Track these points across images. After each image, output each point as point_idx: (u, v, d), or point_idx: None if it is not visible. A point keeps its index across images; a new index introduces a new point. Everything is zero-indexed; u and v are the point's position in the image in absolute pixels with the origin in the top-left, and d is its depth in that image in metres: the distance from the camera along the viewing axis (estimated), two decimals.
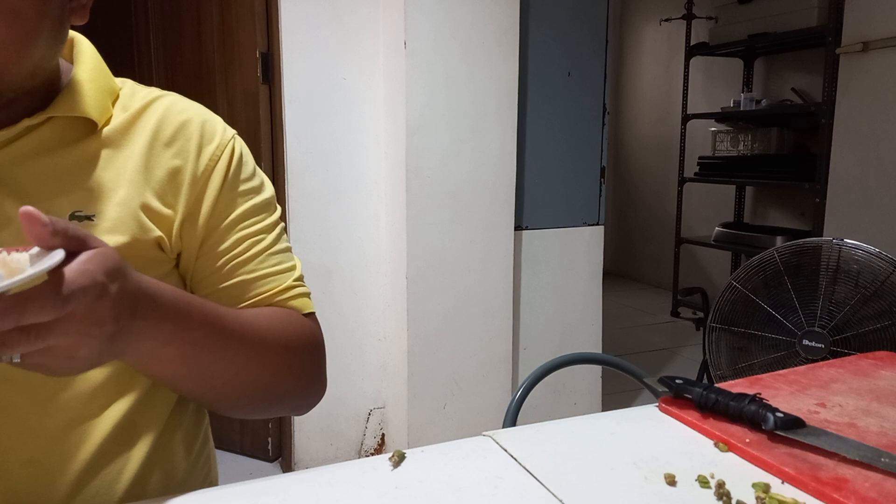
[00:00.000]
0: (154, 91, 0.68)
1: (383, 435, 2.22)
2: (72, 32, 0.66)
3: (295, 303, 0.69)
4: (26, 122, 0.58)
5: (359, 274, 2.11)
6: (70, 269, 0.43)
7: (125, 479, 0.62)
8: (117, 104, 0.65)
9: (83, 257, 0.44)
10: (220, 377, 0.61)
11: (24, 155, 0.58)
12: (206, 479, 0.74)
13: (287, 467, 2.18)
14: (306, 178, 2.00)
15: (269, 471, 2.18)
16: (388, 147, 2.03)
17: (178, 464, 0.68)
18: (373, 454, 2.19)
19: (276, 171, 2.05)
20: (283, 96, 1.94)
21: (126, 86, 0.68)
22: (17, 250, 0.43)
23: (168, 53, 2.20)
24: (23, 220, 0.42)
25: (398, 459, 0.60)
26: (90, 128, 0.62)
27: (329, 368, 0.74)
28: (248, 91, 2.05)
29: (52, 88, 0.61)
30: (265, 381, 0.65)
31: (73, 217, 0.58)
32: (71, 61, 0.66)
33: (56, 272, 0.42)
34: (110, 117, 0.63)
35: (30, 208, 0.42)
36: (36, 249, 0.43)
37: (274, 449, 2.24)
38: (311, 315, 0.72)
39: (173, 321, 0.54)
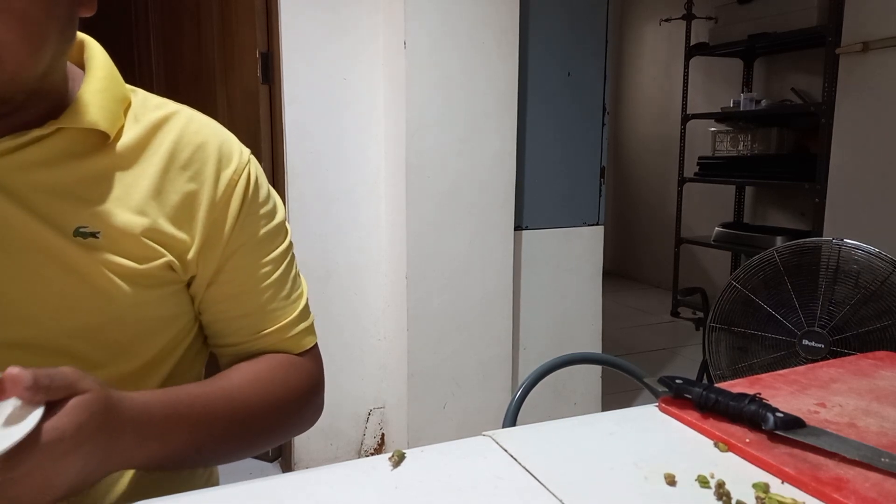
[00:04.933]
0: (168, 104, 0.66)
1: (383, 435, 2.22)
2: (81, 35, 0.64)
3: (302, 342, 0.71)
4: (36, 133, 0.56)
5: (359, 274, 2.11)
6: (42, 432, 0.43)
7: (123, 483, 0.62)
8: (129, 113, 0.63)
9: (61, 412, 0.45)
10: (215, 456, 0.64)
11: (32, 164, 0.57)
12: (208, 483, 0.74)
13: (287, 467, 2.18)
14: (306, 178, 2.00)
15: (269, 471, 2.18)
16: (388, 147, 2.03)
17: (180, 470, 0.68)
18: (373, 454, 2.19)
19: (276, 171, 2.05)
20: (283, 96, 1.94)
21: (137, 94, 0.66)
22: None
23: (168, 53, 2.20)
24: (6, 381, 0.43)
25: (398, 459, 0.60)
26: (101, 139, 0.60)
27: (329, 368, 0.75)
28: (248, 91, 2.05)
29: (62, 93, 0.60)
30: (258, 443, 0.67)
31: (77, 233, 0.57)
32: (81, 66, 0.63)
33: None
34: (122, 127, 0.62)
35: (15, 371, 0.43)
36: (16, 401, 0.44)
37: (274, 449, 2.24)
38: (313, 349, 0.73)
39: (159, 438, 0.55)
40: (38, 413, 0.43)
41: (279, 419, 0.67)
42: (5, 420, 0.43)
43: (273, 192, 0.72)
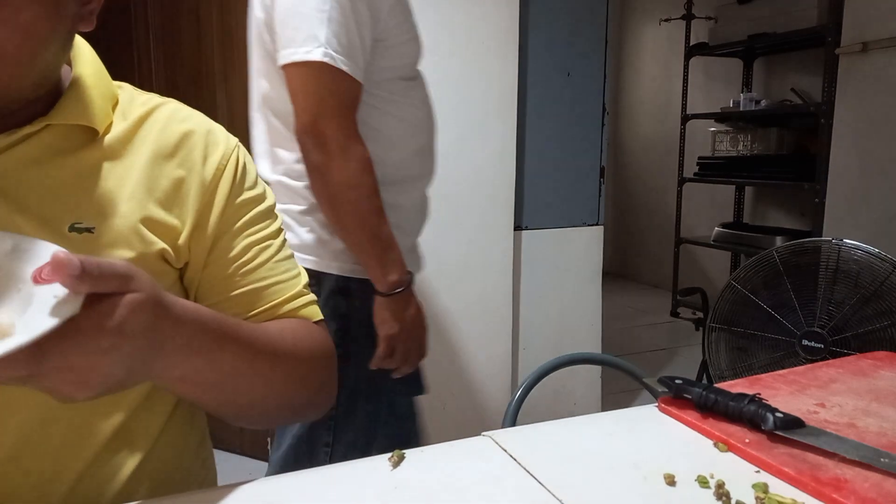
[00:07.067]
0: (153, 98, 0.67)
1: None
2: None
3: (305, 311, 0.70)
4: (26, 130, 0.56)
5: None
6: (79, 324, 0.42)
7: (119, 481, 0.62)
8: (117, 110, 0.64)
9: (105, 309, 0.43)
10: (248, 397, 0.62)
11: (23, 162, 0.57)
12: (206, 481, 0.74)
13: None
14: None
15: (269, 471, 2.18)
16: None
17: (176, 466, 0.68)
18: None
19: None
20: None
21: (124, 90, 0.66)
22: (47, 281, 0.42)
23: (168, 53, 2.20)
24: (52, 264, 0.41)
25: (398, 459, 0.60)
26: (90, 135, 0.60)
27: None
28: (248, 91, 2.05)
29: (53, 93, 0.60)
30: (288, 396, 0.66)
31: (72, 229, 0.57)
32: (69, 63, 0.64)
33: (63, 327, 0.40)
34: (110, 124, 0.62)
35: (61, 253, 0.41)
36: (62, 289, 0.42)
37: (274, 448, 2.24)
38: (321, 322, 0.72)
39: (207, 353, 0.54)
40: (75, 305, 0.41)
41: (307, 374, 0.66)
42: (49, 307, 0.41)
43: (260, 179, 0.73)
